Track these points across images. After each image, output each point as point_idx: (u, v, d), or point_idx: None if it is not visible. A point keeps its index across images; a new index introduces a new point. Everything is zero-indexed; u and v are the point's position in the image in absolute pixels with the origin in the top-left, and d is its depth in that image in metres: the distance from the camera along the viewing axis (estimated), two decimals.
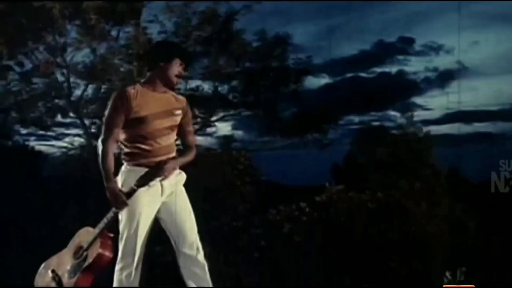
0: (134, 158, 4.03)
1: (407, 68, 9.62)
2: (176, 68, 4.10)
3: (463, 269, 6.15)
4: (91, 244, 4.03)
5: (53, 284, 4.11)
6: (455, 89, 9.20)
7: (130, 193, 3.95)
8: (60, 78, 10.35)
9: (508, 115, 8.88)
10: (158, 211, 4.11)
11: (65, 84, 10.41)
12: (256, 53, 10.16)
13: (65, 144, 10.50)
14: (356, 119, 9.92)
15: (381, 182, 8.95)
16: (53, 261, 4.20)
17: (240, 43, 10.18)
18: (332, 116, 9.64)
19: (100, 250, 4.01)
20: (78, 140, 10.50)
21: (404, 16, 9.55)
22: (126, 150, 4.07)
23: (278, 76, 10.12)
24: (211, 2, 10.25)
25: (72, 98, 10.44)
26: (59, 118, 10.61)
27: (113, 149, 4.02)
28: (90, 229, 4.10)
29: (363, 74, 9.82)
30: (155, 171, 3.97)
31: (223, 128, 10.15)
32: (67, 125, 10.66)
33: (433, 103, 9.38)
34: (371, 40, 9.54)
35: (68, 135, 10.62)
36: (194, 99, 10.22)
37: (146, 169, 3.99)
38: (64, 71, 10.36)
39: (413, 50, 9.57)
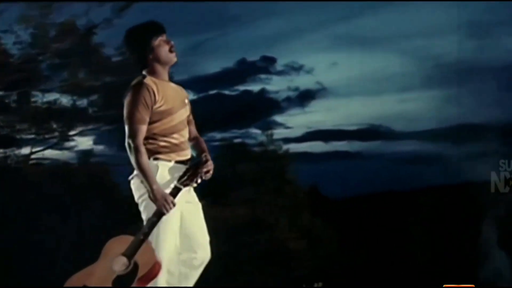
0: (162, 152, 3.73)
1: (268, 87, 9.80)
2: (162, 45, 3.87)
3: (319, 284, 6.31)
4: (136, 252, 3.73)
5: None
6: (315, 108, 9.51)
7: (175, 194, 3.70)
8: None
9: (364, 135, 9.24)
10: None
11: None
12: (117, 68, 10.02)
13: None
14: (218, 135, 9.97)
15: (242, 198, 9.04)
16: (82, 277, 3.81)
17: (100, 57, 10.02)
18: None
19: (156, 259, 3.75)
20: None
21: (266, 35, 9.74)
22: (150, 146, 3.76)
23: None
24: (69, 14, 10.05)
25: None
26: None
27: (143, 147, 3.74)
28: (127, 237, 3.78)
29: (225, 92, 9.91)
30: (198, 167, 3.71)
31: (83, 142, 9.93)
32: None
33: (293, 122, 9.59)
34: (234, 58, 9.66)
35: None
36: (51, 112, 9.96)
37: (177, 165, 3.74)
38: None
39: (274, 69, 9.76)
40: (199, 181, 3.75)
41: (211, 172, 3.78)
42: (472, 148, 8.74)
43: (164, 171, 3.74)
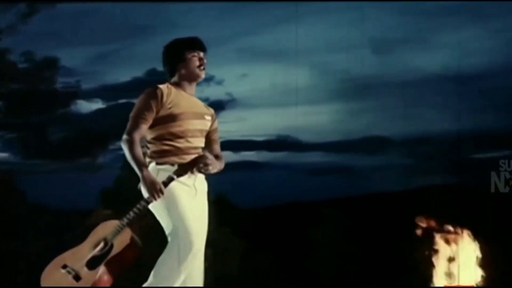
0: (164, 155, 3.81)
1: None
2: (193, 61, 3.96)
3: None
4: (116, 235, 3.71)
5: (67, 280, 3.72)
6: (224, 119, 9.60)
7: (167, 183, 3.73)
8: None
9: (273, 146, 9.41)
10: None
11: None
12: (23, 75, 9.87)
13: None
14: None
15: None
16: (66, 256, 3.81)
17: (5, 63, 9.86)
18: (103, 141, 9.61)
19: (129, 242, 3.73)
20: None
21: None
22: (155, 148, 3.84)
23: (46, 99, 9.90)
24: None
25: None
26: None
27: (139, 141, 3.80)
28: (114, 221, 3.79)
29: (135, 101, 9.88)
30: (196, 163, 3.76)
31: None
32: None
33: None
34: (144, 68, 9.64)
35: None
36: None
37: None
38: None
39: None
40: (196, 173, 3.91)
41: (209, 167, 3.93)
42: (376, 160, 9.05)
43: (165, 174, 3.88)
